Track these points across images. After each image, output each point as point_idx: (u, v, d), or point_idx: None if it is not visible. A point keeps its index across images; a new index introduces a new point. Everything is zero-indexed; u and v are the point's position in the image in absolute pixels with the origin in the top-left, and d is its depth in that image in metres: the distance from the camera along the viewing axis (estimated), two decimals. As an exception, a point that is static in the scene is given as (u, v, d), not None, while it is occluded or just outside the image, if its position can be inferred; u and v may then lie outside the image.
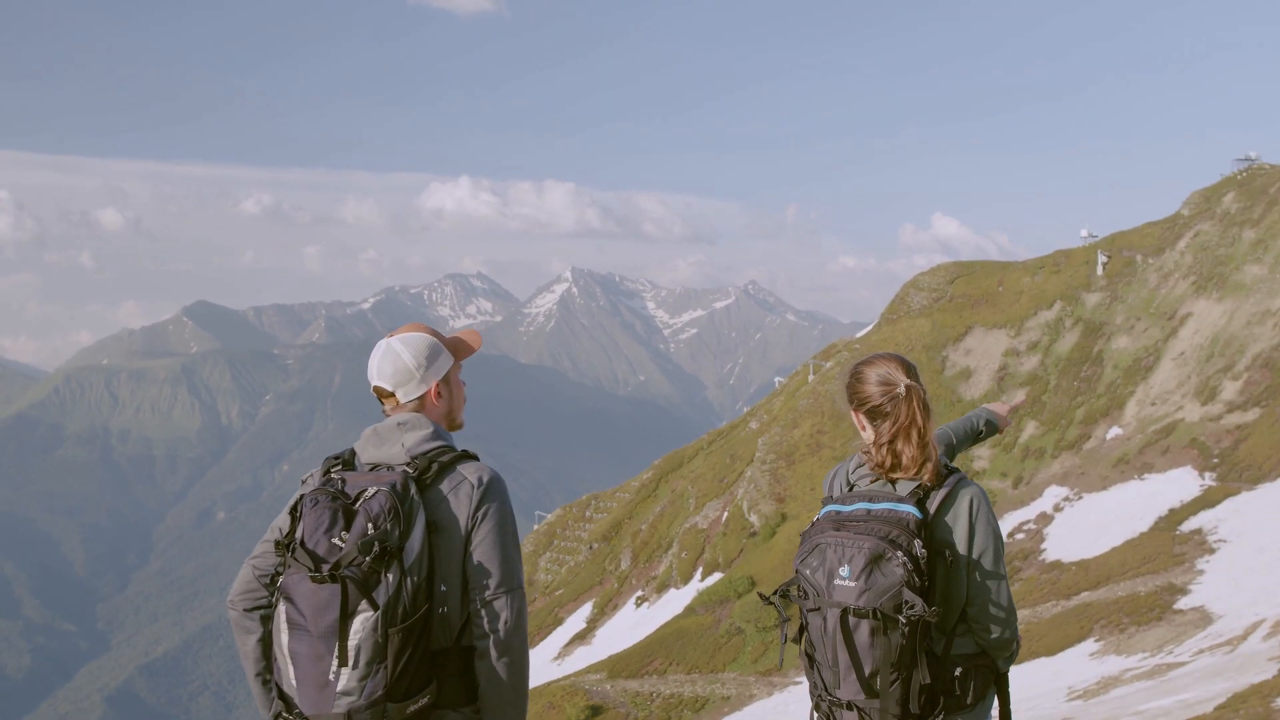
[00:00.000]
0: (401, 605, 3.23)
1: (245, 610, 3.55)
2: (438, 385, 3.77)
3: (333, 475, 3.47)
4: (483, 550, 3.44)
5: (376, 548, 3.19)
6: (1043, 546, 37.64)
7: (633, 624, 48.10)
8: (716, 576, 46.74)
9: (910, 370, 3.77)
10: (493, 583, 3.43)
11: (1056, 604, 31.05)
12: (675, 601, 47.08)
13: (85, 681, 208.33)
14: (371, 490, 3.32)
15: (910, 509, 3.48)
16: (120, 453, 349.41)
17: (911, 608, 3.33)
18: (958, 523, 3.60)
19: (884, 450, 3.66)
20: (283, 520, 3.49)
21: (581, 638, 51.03)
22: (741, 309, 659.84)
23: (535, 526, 72.29)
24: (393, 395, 3.69)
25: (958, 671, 3.63)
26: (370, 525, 3.23)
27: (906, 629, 3.36)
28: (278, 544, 3.38)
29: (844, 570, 3.36)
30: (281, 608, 3.30)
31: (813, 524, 3.57)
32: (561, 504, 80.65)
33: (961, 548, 3.58)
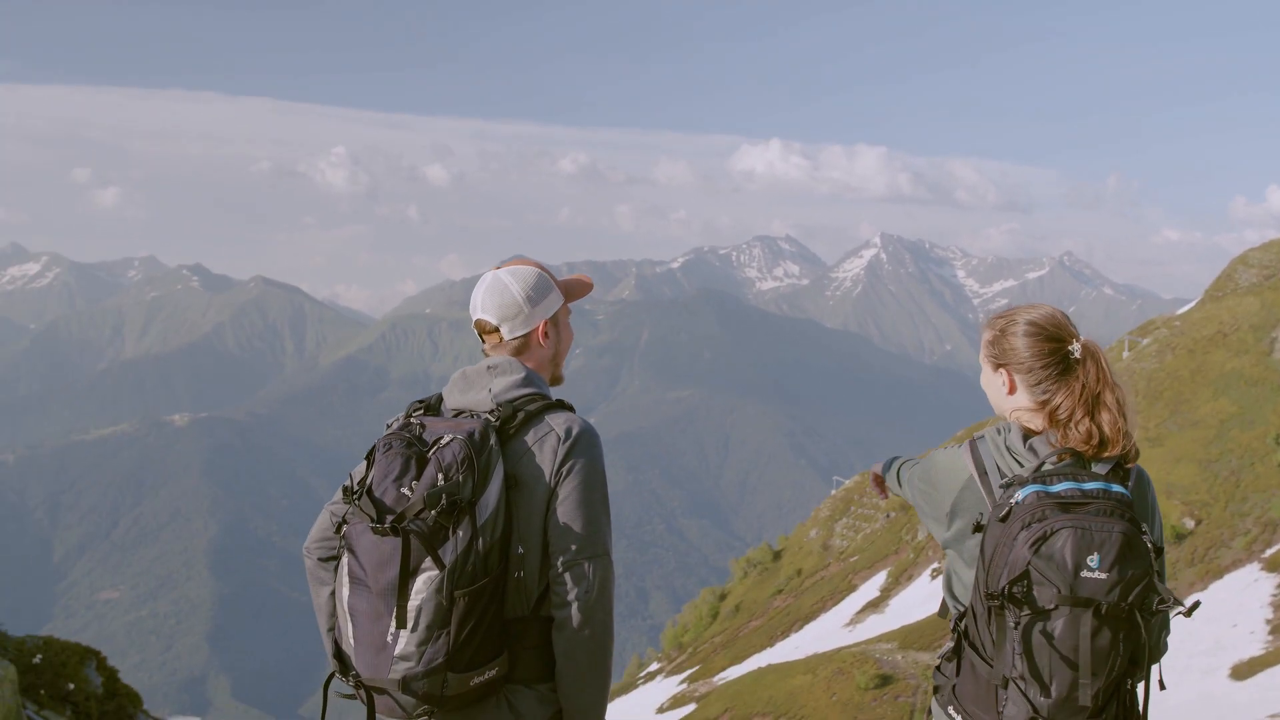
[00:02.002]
0: (471, 565, 2.89)
1: (320, 560, 3.24)
2: (545, 325, 3.42)
3: (412, 420, 3.15)
4: (566, 510, 3.07)
5: (445, 501, 2.86)
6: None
7: (926, 595, 47.62)
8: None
9: (1074, 327, 3.22)
10: (575, 547, 3.06)
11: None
12: (972, 576, 46.52)
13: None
14: (447, 438, 2.98)
15: (1123, 490, 2.92)
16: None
17: (1164, 602, 2.82)
18: (1144, 506, 3.10)
19: (1081, 423, 3.05)
20: (361, 467, 3.09)
21: (874, 606, 50.94)
22: (1056, 280, 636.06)
23: (833, 491, 72.34)
24: (496, 331, 3.35)
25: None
26: (441, 476, 2.89)
27: (1149, 628, 2.87)
28: (345, 490, 3.02)
29: (1093, 559, 2.76)
30: (345, 560, 2.98)
31: (1014, 508, 2.88)
32: (860, 470, 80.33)
33: (1152, 534, 3.01)
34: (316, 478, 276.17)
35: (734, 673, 43.46)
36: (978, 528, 2.99)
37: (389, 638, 2.89)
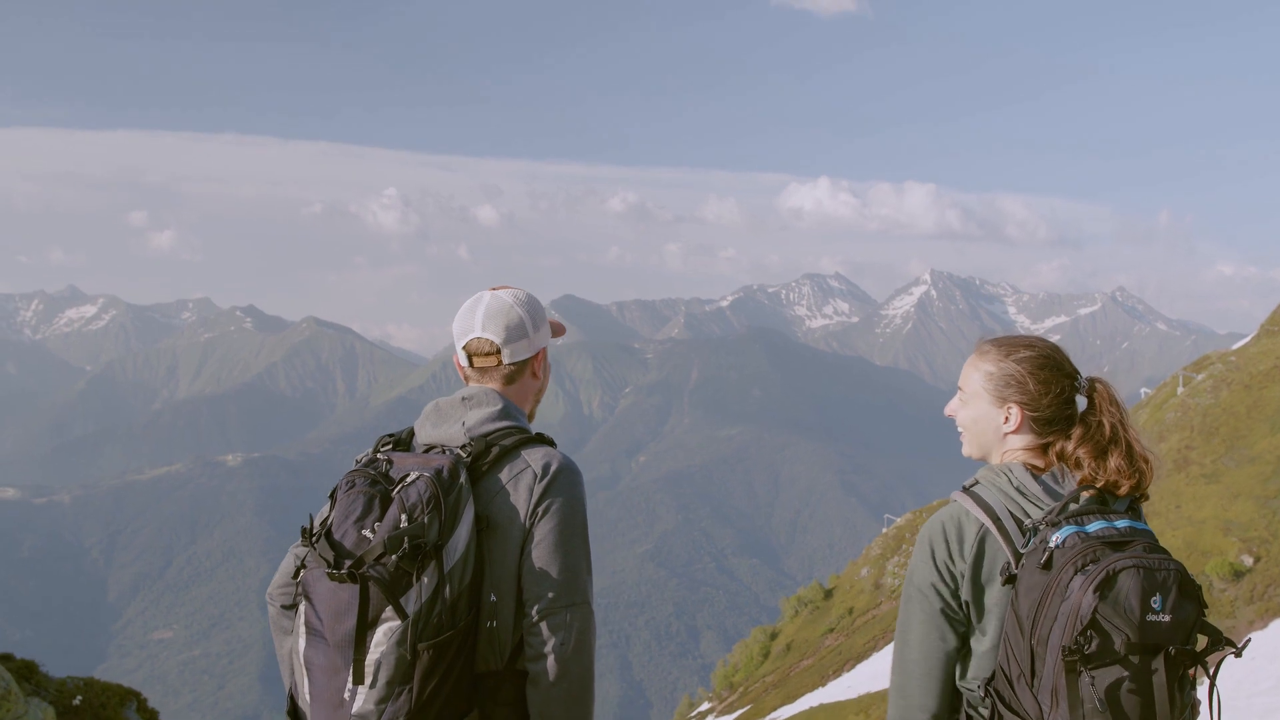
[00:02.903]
0: (437, 615, 2.66)
1: (283, 607, 2.96)
2: (543, 354, 3.20)
3: (379, 456, 2.89)
4: (541, 553, 2.82)
5: (407, 544, 2.60)
6: None
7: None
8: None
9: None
10: (552, 594, 2.81)
11: None
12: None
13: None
14: (413, 475, 2.73)
15: (1144, 526, 2.73)
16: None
17: (1216, 644, 2.61)
18: None
19: (1096, 464, 2.82)
20: (326, 507, 2.84)
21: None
22: (1108, 316, 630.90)
23: (884, 530, 71.82)
24: (495, 354, 3.06)
25: None
26: (405, 517, 2.64)
27: (1203, 675, 2.64)
28: (304, 531, 2.75)
29: (1156, 600, 2.53)
30: (301, 608, 2.74)
31: (1054, 552, 2.62)
32: (911, 508, 79.74)
33: None
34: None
35: (785, 712, 43.10)
36: (1009, 579, 2.70)
37: (346, 694, 2.63)
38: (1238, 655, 2.63)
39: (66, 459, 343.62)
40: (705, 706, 61.53)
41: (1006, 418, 2.91)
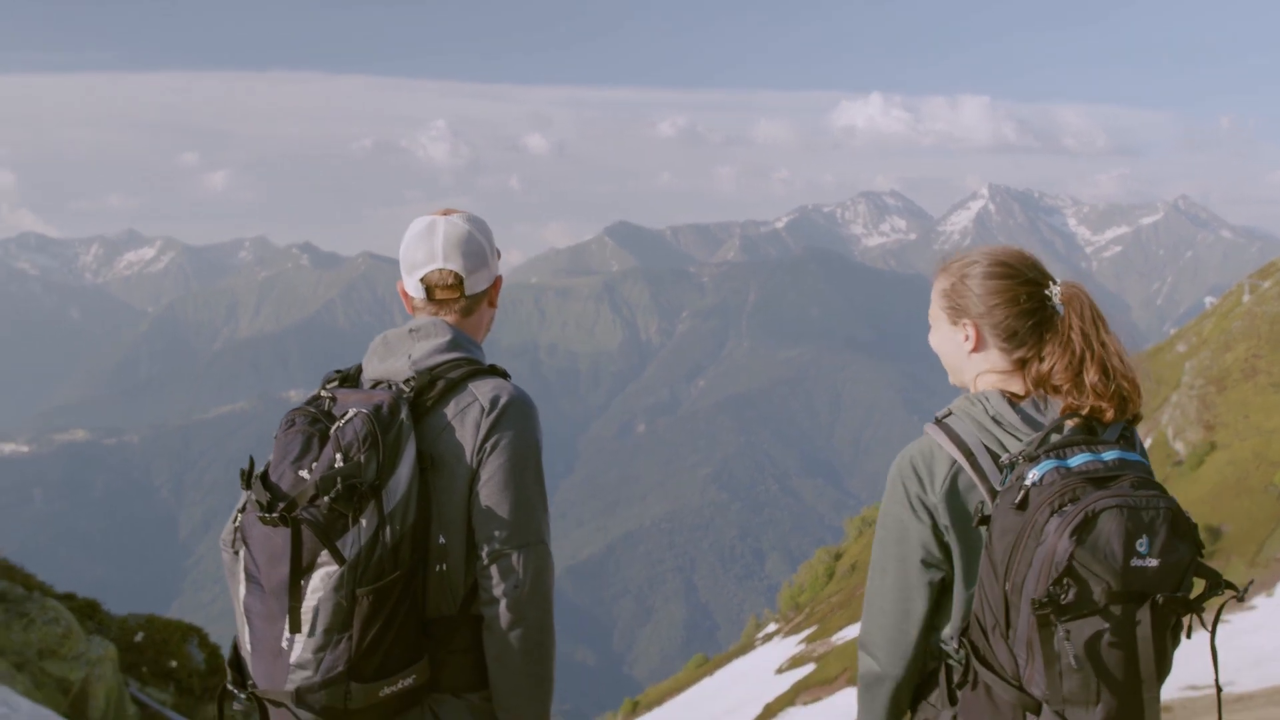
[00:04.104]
0: (378, 559, 2.48)
1: (236, 553, 2.64)
2: (499, 283, 3.00)
3: (323, 393, 2.71)
4: (490, 492, 2.63)
5: (340, 485, 2.44)
6: None
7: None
8: (1140, 505, 44.35)
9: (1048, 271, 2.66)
10: (502, 534, 2.62)
11: None
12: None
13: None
14: (351, 413, 2.55)
15: (1139, 457, 2.42)
16: (548, 366, 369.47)
17: (1216, 590, 2.33)
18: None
19: (1091, 378, 2.50)
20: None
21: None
22: (1171, 225, 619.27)
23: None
24: (458, 285, 2.86)
25: None
26: (340, 456, 2.47)
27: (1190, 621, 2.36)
28: (242, 473, 2.57)
29: (1142, 543, 2.23)
30: (241, 554, 2.56)
31: (1030, 490, 2.31)
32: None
33: None
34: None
35: (851, 632, 42.76)
36: (983, 520, 2.40)
37: (284, 642, 2.48)
38: (1240, 600, 2.35)
39: (133, 400, 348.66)
40: (772, 627, 61.48)
41: (966, 336, 2.66)
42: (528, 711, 2.68)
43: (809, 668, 39.22)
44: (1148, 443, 48.06)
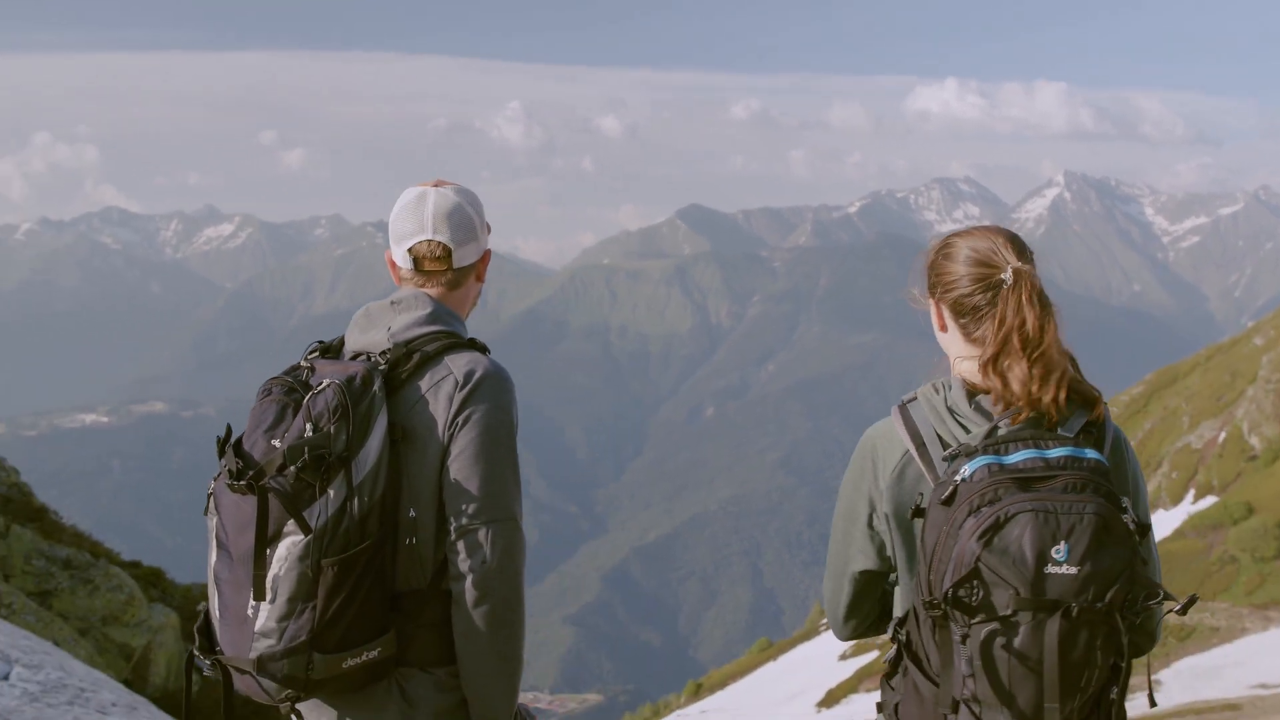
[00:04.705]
0: (344, 530, 2.48)
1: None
2: (487, 257, 2.97)
3: (303, 363, 2.75)
4: (460, 466, 2.63)
5: (307, 455, 2.45)
6: None
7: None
8: (1209, 500, 43.72)
9: (1023, 251, 2.52)
10: (471, 509, 2.61)
11: None
12: (1163, 524, 44.63)
13: (585, 559, 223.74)
14: (324, 383, 2.57)
15: (1096, 456, 2.29)
16: (618, 348, 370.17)
17: (1151, 597, 2.24)
18: (1123, 475, 2.49)
19: (994, 374, 2.42)
20: None
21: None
22: (1251, 216, 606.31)
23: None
24: (446, 258, 2.83)
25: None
26: (310, 426, 2.50)
27: (1130, 630, 2.23)
28: (218, 441, 2.60)
29: (1059, 550, 2.14)
30: (213, 522, 2.57)
31: (959, 487, 2.25)
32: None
33: (1136, 509, 2.43)
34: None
35: (918, 620, 42.58)
36: (917, 512, 2.37)
37: (249, 610, 2.49)
38: (1181, 614, 2.27)
39: (211, 374, 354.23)
40: (838, 614, 61.40)
41: (935, 315, 2.61)
42: (493, 688, 2.66)
43: (872, 655, 39.04)
44: (1221, 436, 47.43)
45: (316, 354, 2.80)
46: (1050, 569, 2.13)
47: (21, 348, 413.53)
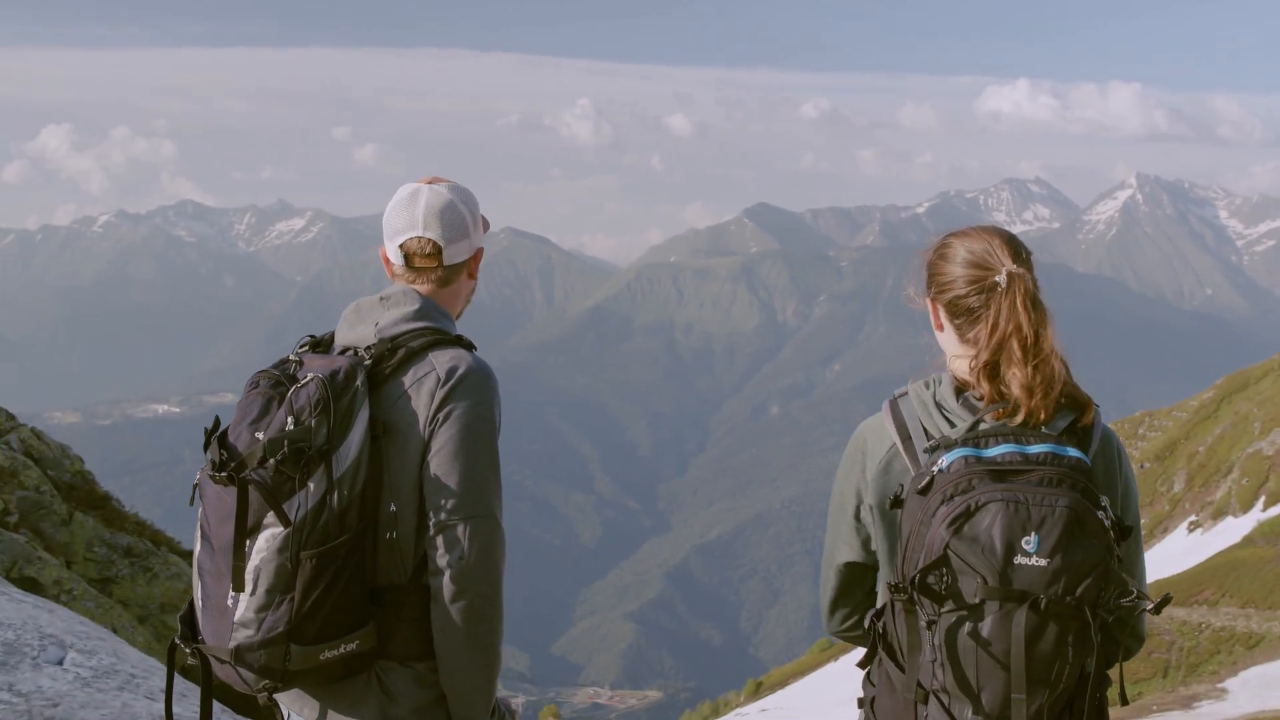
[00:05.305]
0: (323, 524, 2.50)
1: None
2: (479, 255, 3.01)
3: (292, 356, 2.75)
4: (440, 462, 2.64)
5: (287, 448, 2.47)
6: None
7: (1183, 550, 45.64)
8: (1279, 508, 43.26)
9: (1019, 254, 2.53)
10: (450, 505, 2.63)
11: None
12: (1232, 530, 44.22)
13: (647, 555, 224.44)
14: (308, 377, 2.59)
15: (1079, 454, 2.28)
16: (683, 345, 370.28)
17: (1125, 595, 2.21)
18: (1110, 475, 2.48)
19: (984, 377, 2.43)
20: None
21: (1129, 558, 49.14)
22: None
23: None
24: (437, 254, 2.85)
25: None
26: (291, 420, 2.52)
27: (1104, 628, 2.21)
28: (205, 432, 2.61)
29: (1029, 541, 2.14)
30: (198, 512, 2.61)
31: (935, 477, 2.28)
32: (1115, 418, 77.48)
33: (1116, 510, 2.40)
34: (566, 424, 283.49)
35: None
36: (895, 502, 2.41)
37: (229, 601, 2.52)
38: (1155, 613, 2.25)
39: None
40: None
41: (932, 315, 2.64)
42: (470, 683, 2.68)
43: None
44: (1289, 445, 46.83)
45: (306, 348, 2.80)
46: (1019, 559, 2.13)
47: (98, 338, 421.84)
